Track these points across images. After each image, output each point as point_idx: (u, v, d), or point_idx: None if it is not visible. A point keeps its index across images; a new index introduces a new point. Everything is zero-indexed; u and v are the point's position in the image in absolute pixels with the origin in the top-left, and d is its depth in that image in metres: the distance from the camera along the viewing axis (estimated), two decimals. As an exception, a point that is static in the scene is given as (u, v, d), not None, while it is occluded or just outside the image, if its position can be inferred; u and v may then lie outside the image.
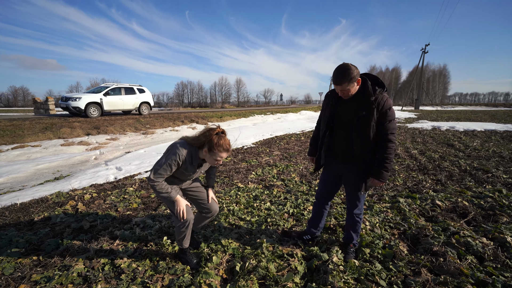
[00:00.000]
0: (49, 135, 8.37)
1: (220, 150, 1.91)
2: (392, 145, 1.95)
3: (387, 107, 1.90)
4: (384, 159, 1.96)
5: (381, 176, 1.99)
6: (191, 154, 1.98)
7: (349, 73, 1.83)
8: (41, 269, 2.17)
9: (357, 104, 1.95)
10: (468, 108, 43.93)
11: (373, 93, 1.90)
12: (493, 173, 4.70)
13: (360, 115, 1.93)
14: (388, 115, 1.91)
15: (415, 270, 2.05)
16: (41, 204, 3.54)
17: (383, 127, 1.93)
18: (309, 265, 2.16)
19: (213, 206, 2.36)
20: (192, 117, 14.60)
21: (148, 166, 5.68)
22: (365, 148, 1.99)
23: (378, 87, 1.95)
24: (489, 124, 13.85)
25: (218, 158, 1.95)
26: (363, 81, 1.96)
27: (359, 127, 1.95)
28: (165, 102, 70.81)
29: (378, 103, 1.89)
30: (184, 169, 2.03)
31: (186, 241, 2.16)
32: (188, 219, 2.06)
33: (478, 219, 2.94)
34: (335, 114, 2.10)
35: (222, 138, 1.92)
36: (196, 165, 2.06)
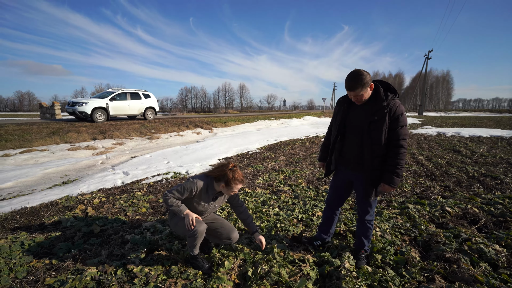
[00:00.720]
0: (56, 140, 8.47)
1: (236, 183, 2.13)
2: (403, 151, 1.95)
3: (399, 113, 1.92)
4: (395, 164, 1.96)
5: (392, 181, 1.99)
6: (207, 184, 2.19)
7: (362, 78, 1.86)
8: (54, 273, 2.18)
9: (369, 110, 1.98)
10: (472, 114, 43.71)
11: (385, 99, 1.92)
12: (501, 179, 4.66)
13: (372, 120, 1.94)
14: (400, 120, 1.92)
15: (429, 277, 2.03)
16: (51, 208, 3.58)
17: (394, 133, 1.94)
18: (321, 271, 2.15)
19: (233, 234, 2.36)
20: (197, 122, 14.68)
21: (155, 171, 5.71)
22: (375, 153, 2.00)
23: (390, 93, 1.97)
24: (494, 130, 13.77)
25: (234, 190, 2.17)
26: (375, 86, 1.99)
27: (370, 132, 1.97)
28: (169, 107, 71.36)
29: (390, 108, 1.91)
30: (198, 197, 2.20)
31: (196, 250, 2.19)
32: (198, 229, 2.08)
33: (489, 226, 2.91)
34: (346, 120, 2.13)
35: (236, 172, 2.13)
36: (211, 195, 2.22)
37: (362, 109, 2.03)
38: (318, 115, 29.27)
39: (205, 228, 2.16)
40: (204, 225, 2.15)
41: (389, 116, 1.92)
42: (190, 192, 2.15)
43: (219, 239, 2.40)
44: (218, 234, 2.37)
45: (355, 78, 1.88)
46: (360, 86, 1.87)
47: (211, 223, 2.40)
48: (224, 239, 2.36)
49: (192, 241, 2.13)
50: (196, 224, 2.09)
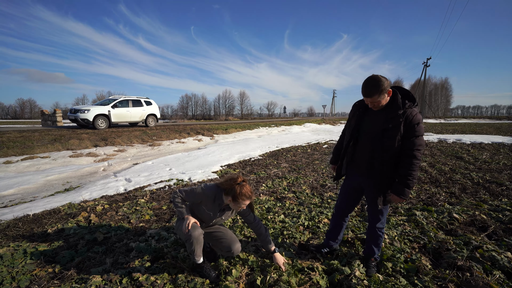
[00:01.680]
0: (58, 147, 8.45)
1: (244, 199, 2.05)
2: (417, 162, 1.89)
3: (415, 122, 1.86)
4: (407, 175, 1.90)
5: (402, 193, 1.93)
6: (215, 195, 2.13)
7: (380, 84, 1.81)
8: (58, 282, 2.13)
9: (385, 116, 1.93)
10: (472, 121, 43.81)
11: (401, 106, 1.87)
12: (507, 186, 4.63)
13: (386, 128, 1.90)
14: (416, 130, 1.86)
15: (442, 285, 1.99)
16: (53, 215, 3.53)
17: (409, 142, 1.88)
18: (330, 279, 2.10)
19: (234, 245, 2.25)
20: (198, 129, 14.69)
21: (157, 178, 5.68)
22: (386, 161, 1.95)
23: (408, 100, 1.92)
24: (495, 137, 13.77)
25: (242, 205, 2.09)
26: (393, 93, 1.93)
27: (383, 140, 1.93)
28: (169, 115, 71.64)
29: (406, 116, 1.86)
30: (205, 205, 2.16)
31: (198, 256, 2.12)
32: (191, 233, 2.00)
33: (498, 233, 2.87)
34: (361, 125, 2.09)
35: (244, 187, 2.05)
36: (217, 205, 2.17)
37: (377, 116, 1.98)
38: (319, 122, 29.33)
39: (201, 234, 2.05)
40: (200, 230, 2.05)
41: (404, 125, 1.86)
42: (197, 197, 2.12)
43: (221, 250, 2.32)
44: (220, 244, 2.30)
45: (372, 84, 1.83)
46: (377, 93, 1.83)
47: (214, 232, 2.34)
48: (225, 250, 2.27)
49: (189, 246, 2.05)
50: (191, 228, 2.00)
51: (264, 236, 2.27)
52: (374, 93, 1.84)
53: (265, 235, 2.28)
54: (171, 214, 3.59)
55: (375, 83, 1.83)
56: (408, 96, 1.95)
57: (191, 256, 2.11)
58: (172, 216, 3.51)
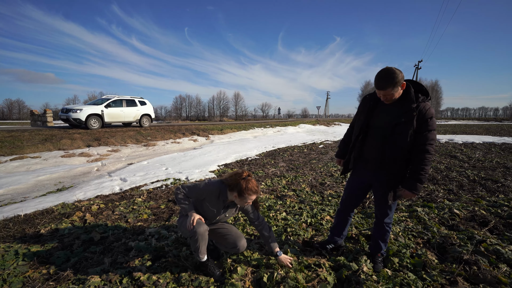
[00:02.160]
0: (49, 147, 8.22)
1: (250, 194, 1.98)
2: (429, 156, 1.85)
3: (428, 116, 1.82)
4: (419, 170, 1.86)
5: (414, 188, 1.89)
6: (219, 190, 2.07)
7: (394, 77, 1.75)
8: (54, 283, 2.03)
9: (397, 110, 1.88)
10: (461, 122, 44.76)
11: (415, 100, 1.83)
12: (502, 182, 4.69)
13: (398, 122, 1.85)
14: (429, 124, 1.83)
15: (451, 279, 1.97)
16: (46, 215, 3.40)
17: (422, 137, 1.84)
18: (338, 275, 2.06)
19: (240, 241, 2.20)
20: (193, 129, 14.55)
21: (154, 177, 5.56)
22: (398, 157, 1.91)
23: (422, 94, 1.88)
24: (485, 137, 14.07)
25: (248, 201, 2.02)
26: (406, 86, 1.88)
27: (395, 134, 1.88)
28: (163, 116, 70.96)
29: (419, 111, 1.82)
30: (209, 202, 2.09)
31: (202, 254, 2.04)
32: (197, 230, 1.92)
33: (499, 228, 2.88)
34: (371, 119, 2.04)
35: (250, 182, 1.99)
36: (222, 202, 2.10)
37: (389, 110, 1.92)
38: (313, 123, 29.47)
39: (206, 231, 1.98)
40: (205, 227, 1.98)
41: (417, 119, 1.82)
42: (200, 192, 2.06)
43: (225, 247, 2.26)
44: (225, 241, 2.24)
45: (386, 77, 1.77)
46: (391, 85, 1.77)
47: (218, 229, 2.28)
48: (230, 247, 2.21)
49: (194, 243, 1.98)
50: (196, 224, 1.93)
51: (268, 237, 2.20)
52: (388, 86, 1.78)
53: (268, 236, 2.21)
54: (169, 213, 3.50)
55: (389, 76, 1.77)
56: (421, 89, 1.91)
57: (195, 253, 2.03)
58: (171, 215, 3.42)
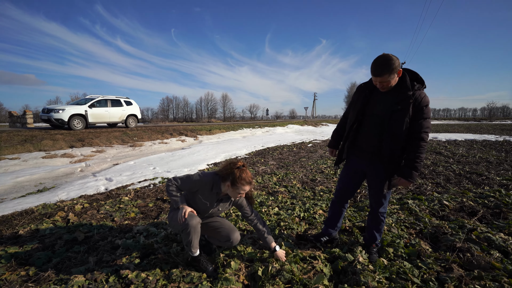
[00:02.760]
0: (29, 148, 7.84)
1: (243, 184, 1.90)
2: (424, 144, 1.86)
3: (424, 104, 1.81)
4: (415, 158, 1.86)
5: (410, 175, 1.88)
6: (213, 182, 1.98)
7: (390, 63, 1.73)
8: (33, 284, 1.89)
9: (393, 98, 1.86)
10: (443, 122, 46.40)
11: (411, 88, 1.82)
12: (486, 175, 4.84)
13: (395, 110, 1.83)
14: (425, 112, 1.82)
15: (446, 267, 1.97)
16: (25, 216, 3.20)
17: (417, 125, 1.84)
18: (334, 267, 2.02)
19: (233, 234, 2.12)
20: (181, 130, 14.31)
21: (141, 176, 5.38)
22: (395, 145, 1.89)
23: (417, 82, 1.87)
24: (467, 135, 14.60)
25: (241, 192, 1.93)
26: (402, 74, 1.86)
27: (392, 123, 1.86)
28: (150, 118, 69.63)
29: (415, 98, 1.81)
30: (202, 194, 2.01)
31: (194, 248, 1.95)
32: (189, 222, 1.84)
33: (487, 217, 2.94)
34: (366, 108, 2.01)
35: (244, 171, 1.92)
36: (215, 194, 2.03)
37: (385, 98, 1.90)
38: (301, 124, 29.69)
39: (198, 223, 1.90)
40: (197, 219, 1.90)
41: (413, 107, 1.81)
42: (193, 184, 1.97)
43: (218, 241, 2.18)
44: (218, 234, 2.15)
45: (383, 63, 1.75)
46: (388, 72, 1.75)
47: (210, 223, 2.19)
48: (223, 240, 2.13)
49: (186, 237, 1.89)
50: (188, 217, 1.84)
51: (263, 231, 2.12)
52: (384, 72, 1.76)
53: (263, 230, 2.13)
54: (158, 211, 3.37)
55: (386, 62, 1.74)
56: (416, 78, 1.90)
57: (187, 248, 1.94)
58: (160, 213, 3.29)
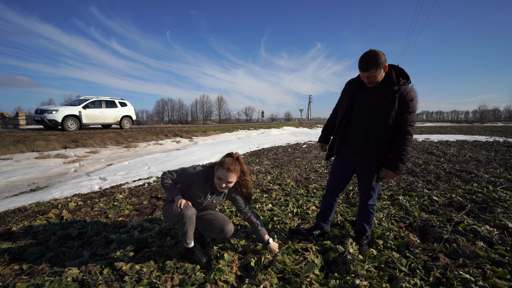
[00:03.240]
0: (22, 148, 7.76)
1: (223, 167, 1.93)
2: (410, 137, 1.92)
3: (409, 98, 1.88)
4: (401, 151, 1.93)
5: (397, 168, 1.95)
6: (207, 174, 2.04)
7: (377, 59, 1.80)
8: (27, 277, 1.89)
9: (379, 93, 1.92)
10: (436, 124, 47.10)
11: (396, 83, 1.89)
12: (475, 173, 4.96)
13: (381, 104, 1.90)
14: (410, 106, 1.89)
15: (433, 256, 2.03)
16: (18, 213, 3.18)
17: (402, 118, 1.90)
18: (325, 258, 2.07)
19: (227, 225, 2.16)
20: (176, 131, 14.29)
21: (135, 176, 5.38)
22: (382, 138, 1.96)
23: (403, 78, 1.94)
24: (458, 136, 14.86)
25: (219, 176, 1.94)
26: (388, 69, 1.93)
27: (378, 117, 1.92)
28: (144, 120, 69.18)
29: (401, 93, 1.88)
30: (196, 187, 2.05)
31: (189, 239, 1.98)
32: (184, 212, 1.87)
33: (475, 211, 3.03)
34: (354, 102, 2.07)
35: (231, 159, 1.97)
36: (209, 186, 2.07)
37: (372, 93, 1.97)
38: (296, 126, 29.87)
39: (194, 214, 1.93)
40: (193, 210, 1.93)
41: (399, 101, 1.88)
42: (188, 177, 2.01)
43: (213, 232, 2.22)
44: (212, 226, 2.19)
45: (369, 58, 1.82)
46: (374, 67, 1.81)
47: (204, 215, 2.23)
48: (217, 232, 2.17)
49: (181, 228, 1.91)
50: (183, 207, 1.87)
51: (256, 223, 2.16)
52: (371, 67, 1.82)
53: (257, 222, 2.17)
54: (152, 208, 3.39)
55: (373, 57, 1.81)
56: (402, 73, 1.97)
57: (182, 239, 1.97)
58: (154, 210, 3.31)
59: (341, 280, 1.72)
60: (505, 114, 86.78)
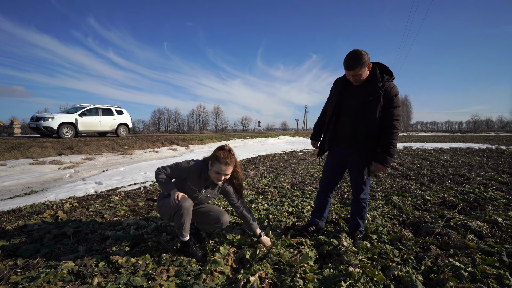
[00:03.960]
0: (16, 155, 7.71)
1: (219, 161, 1.97)
2: (396, 131, 2.00)
3: (393, 94, 1.98)
4: (388, 144, 2.01)
5: (385, 161, 2.02)
6: (201, 168, 2.07)
7: (361, 58, 1.90)
8: (22, 271, 1.89)
9: (365, 90, 2.02)
10: (430, 134, 47.74)
11: (380, 80, 1.99)
12: (468, 176, 5.05)
13: (367, 100, 1.99)
14: (394, 101, 1.98)
15: (425, 248, 2.08)
16: (13, 214, 3.16)
17: (388, 113, 1.99)
18: (320, 251, 2.10)
19: (223, 216, 2.20)
20: (172, 139, 14.30)
21: (131, 180, 5.37)
22: (370, 133, 2.04)
23: (386, 74, 2.05)
24: (452, 144, 15.10)
25: (217, 170, 1.99)
26: (372, 67, 2.03)
27: (365, 113, 2.01)
28: (141, 130, 69.01)
29: (385, 89, 1.97)
30: (190, 180, 2.08)
31: (186, 231, 1.99)
32: (182, 204, 1.90)
33: (466, 210, 3.09)
34: (342, 100, 2.16)
35: (225, 152, 2.02)
36: (203, 180, 2.10)
37: (358, 90, 2.07)
38: (293, 135, 30.06)
39: (191, 205, 1.96)
40: (190, 201, 1.96)
41: (383, 97, 1.97)
42: (182, 171, 2.04)
43: (208, 224, 2.24)
44: (207, 218, 2.21)
45: (354, 58, 1.91)
46: (359, 65, 1.91)
47: (199, 208, 2.25)
48: (213, 223, 2.19)
49: (178, 220, 1.93)
50: (181, 199, 1.90)
51: (248, 218, 2.20)
52: (356, 66, 1.92)
53: (249, 216, 2.21)
54: (148, 209, 3.39)
55: (357, 57, 1.91)
56: (386, 70, 2.08)
57: (179, 231, 1.99)
58: (150, 210, 3.31)
59: (335, 270, 1.75)
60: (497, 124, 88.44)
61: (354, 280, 1.58)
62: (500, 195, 3.56)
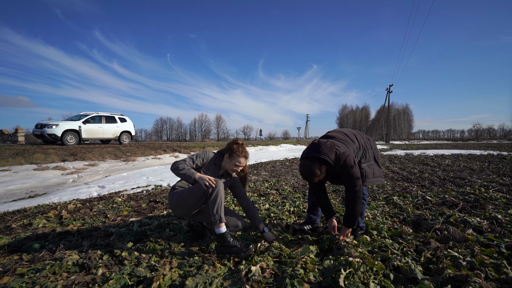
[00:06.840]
0: (20, 161, 7.80)
1: (239, 155, 2.16)
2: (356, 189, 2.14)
3: (343, 166, 2.10)
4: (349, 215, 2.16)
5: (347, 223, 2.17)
6: (215, 157, 2.26)
7: (314, 173, 2.09)
8: (27, 263, 1.92)
9: (330, 178, 2.34)
10: (432, 142, 47.56)
11: (334, 167, 2.13)
12: (469, 179, 5.05)
13: (334, 178, 2.31)
14: (347, 169, 2.10)
15: (424, 241, 2.10)
16: (17, 214, 3.21)
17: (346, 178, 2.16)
18: (321, 246, 2.12)
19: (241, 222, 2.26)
20: (175, 147, 14.40)
21: (134, 184, 5.42)
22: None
23: (333, 161, 2.12)
24: (454, 150, 15.07)
25: (237, 163, 2.16)
26: (327, 168, 2.16)
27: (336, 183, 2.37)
28: (143, 139, 69.36)
29: (340, 168, 2.10)
30: (207, 168, 2.20)
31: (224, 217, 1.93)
32: (218, 185, 1.92)
33: (467, 209, 3.10)
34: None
35: (241, 146, 2.19)
36: (218, 167, 2.22)
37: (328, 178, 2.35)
38: (294, 143, 30.09)
39: (223, 186, 1.97)
40: (221, 182, 1.96)
41: (340, 171, 2.13)
42: (202, 159, 2.18)
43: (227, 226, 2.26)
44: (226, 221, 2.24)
45: (308, 174, 2.11)
46: (314, 178, 2.12)
47: None
48: (231, 226, 2.19)
49: (214, 202, 1.88)
50: (215, 181, 1.93)
51: (253, 211, 2.23)
52: (312, 179, 2.14)
53: (253, 210, 2.24)
54: (151, 210, 3.43)
55: (309, 173, 2.10)
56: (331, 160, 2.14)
57: (217, 215, 1.90)
58: (153, 210, 3.35)
59: (335, 261, 1.77)
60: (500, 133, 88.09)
61: (354, 269, 1.61)
62: (501, 196, 3.57)
